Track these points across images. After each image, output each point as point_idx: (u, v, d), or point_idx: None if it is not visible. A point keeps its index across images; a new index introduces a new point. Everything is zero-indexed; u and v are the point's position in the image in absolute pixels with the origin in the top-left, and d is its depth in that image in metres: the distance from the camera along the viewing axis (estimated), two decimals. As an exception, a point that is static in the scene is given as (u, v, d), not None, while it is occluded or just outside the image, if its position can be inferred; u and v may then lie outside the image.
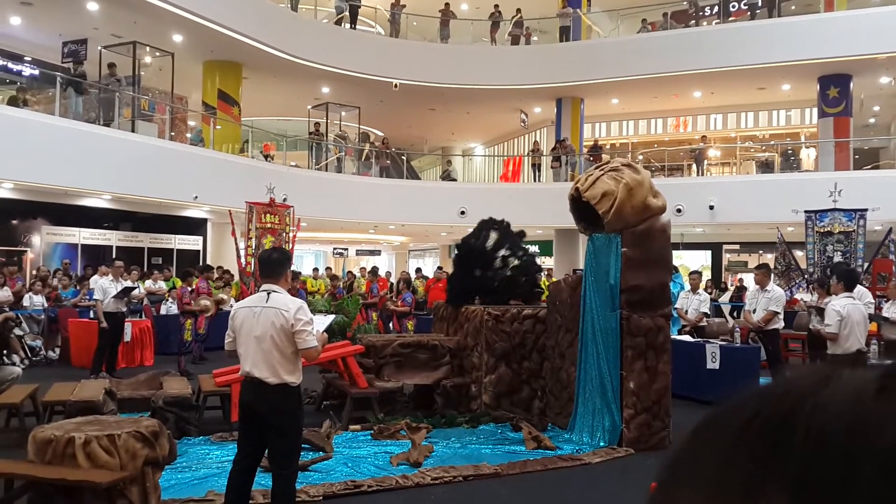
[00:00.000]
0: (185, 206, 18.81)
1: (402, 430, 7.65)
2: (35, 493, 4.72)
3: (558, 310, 8.59)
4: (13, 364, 10.82)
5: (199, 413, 8.06)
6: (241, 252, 14.17)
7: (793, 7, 21.74)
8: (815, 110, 22.21)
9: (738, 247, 27.05)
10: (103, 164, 15.08)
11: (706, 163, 23.13)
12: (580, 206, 8.09)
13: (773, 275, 12.31)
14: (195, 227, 21.36)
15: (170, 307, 14.91)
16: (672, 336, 8.70)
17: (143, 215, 19.42)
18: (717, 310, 17.01)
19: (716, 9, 21.88)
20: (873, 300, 10.94)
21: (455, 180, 24.85)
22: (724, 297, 19.28)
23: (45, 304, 14.21)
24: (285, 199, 15.71)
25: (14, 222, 17.36)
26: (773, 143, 24.68)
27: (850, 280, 8.09)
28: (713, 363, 9.78)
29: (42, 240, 17.97)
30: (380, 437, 7.62)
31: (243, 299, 5.77)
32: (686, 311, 11.73)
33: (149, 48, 18.26)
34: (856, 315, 7.60)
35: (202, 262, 19.39)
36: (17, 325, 13.25)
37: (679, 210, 18.45)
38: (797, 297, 14.53)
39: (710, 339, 10.60)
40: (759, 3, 21.00)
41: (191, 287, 12.98)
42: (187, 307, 12.71)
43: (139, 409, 7.67)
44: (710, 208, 19.59)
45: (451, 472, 6.44)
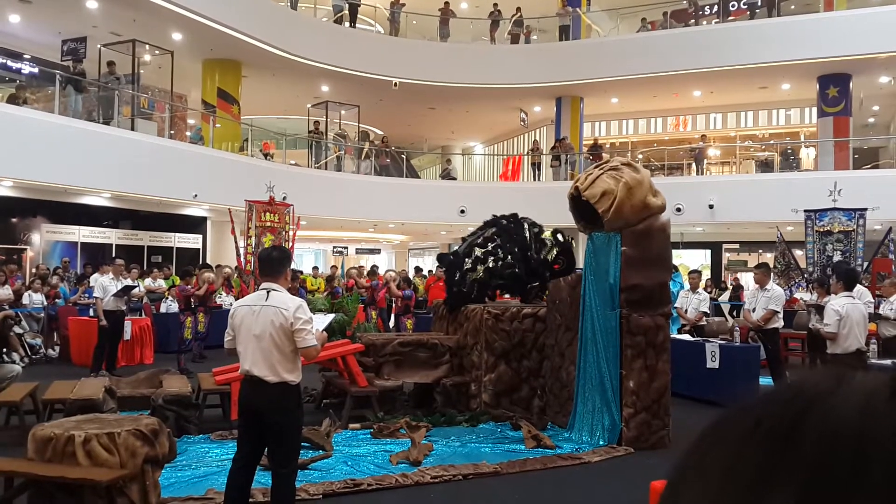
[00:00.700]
0: (185, 204, 18.81)
1: (401, 428, 7.65)
2: (35, 491, 4.72)
3: (558, 308, 8.59)
4: (13, 362, 10.83)
5: (198, 411, 8.06)
6: (241, 250, 14.17)
7: (792, 6, 21.76)
8: (814, 110, 22.22)
9: (737, 246, 27.04)
10: (103, 162, 15.08)
11: (706, 162, 23.13)
12: (580, 205, 8.09)
13: (772, 274, 12.32)
14: (195, 225, 21.36)
15: (169, 305, 14.91)
16: (671, 335, 8.70)
17: (142, 213, 19.41)
18: (716, 309, 17.01)
19: (715, 8, 21.89)
20: (873, 300, 10.95)
21: (455, 179, 24.85)
22: (724, 297, 19.29)
23: (45, 303, 14.21)
24: (285, 198, 15.71)
25: (14, 220, 17.34)
26: (772, 142, 24.70)
27: (850, 279, 8.10)
28: (713, 362, 9.78)
29: (42, 238, 17.96)
30: (379, 435, 7.62)
31: (243, 297, 5.77)
32: (686, 311, 11.74)
33: (148, 46, 18.25)
34: (855, 314, 7.60)
35: (202, 261, 19.39)
36: (17, 323, 13.25)
37: (679, 209, 18.46)
38: (797, 296, 14.54)
39: (710, 339, 10.60)
40: (759, 3, 21.00)
41: (189, 286, 12.95)
42: (193, 293, 12.37)
43: (139, 408, 7.67)
44: (710, 207, 19.59)
45: (450, 470, 6.44)
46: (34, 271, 16.05)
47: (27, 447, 4.77)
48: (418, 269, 22.71)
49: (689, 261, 23.21)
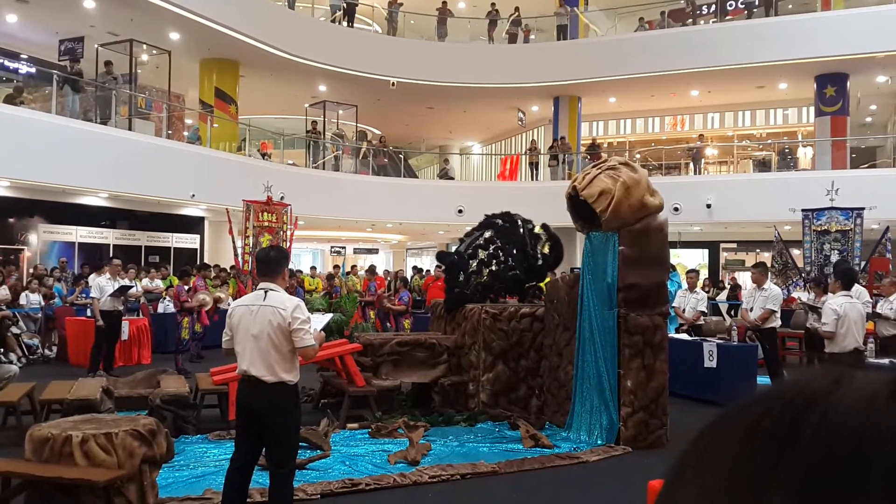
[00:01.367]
0: (183, 204, 18.79)
1: (399, 428, 7.65)
2: (32, 491, 4.71)
3: (556, 308, 8.59)
4: (10, 362, 10.80)
5: (196, 411, 8.05)
6: (239, 250, 14.15)
7: (790, 6, 21.77)
8: (812, 109, 22.24)
9: (735, 245, 27.07)
10: (100, 162, 15.06)
11: (703, 161, 23.16)
12: (577, 204, 8.09)
13: (770, 273, 12.32)
14: (192, 225, 21.34)
15: (167, 306, 14.90)
16: (669, 334, 8.71)
17: (140, 214, 19.39)
18: (714, 308, 17.03)
19: (713, 7, 21.92)
20: (871, 299, 10.95)
21: (452, 179, 24.85)
22: (721, 296, 19.32)
23: (42, 303, 14.19)
24: (283, 198, 15.69)
25: (11, 220, 17.32)
26: (770, 141, 24.72)
27: (848, 279, 8.10)
28: (710, 362, 9.79)
29: (39, 238, 17.93)
30: (377, 435, 7.61)
31: (241, 297, 5.76)
32: (683, 310, 11.75)
33: (146, 46, 18.22)
34: (853, 314, 7.61)
35: (199, 261, 19.37)
36: (14, 323, 13.23)
37: (676, 209, 18.46)
38: (794, 295, 14.54)
39: (708, 338, 10.61)
40: (756, 2, 21.03)
41: (188, 286, 12.96)
42: (185, 304, 12.68)
43: (136, 408, 7.65)
44: (708, 207, 19.61)
45: (448, 470, 6.44)
46: (31, 271, 16.03)
47: (24, 447, 4.76)
48: (416, 268, 22.70)
49: (686, 260, 23.23)
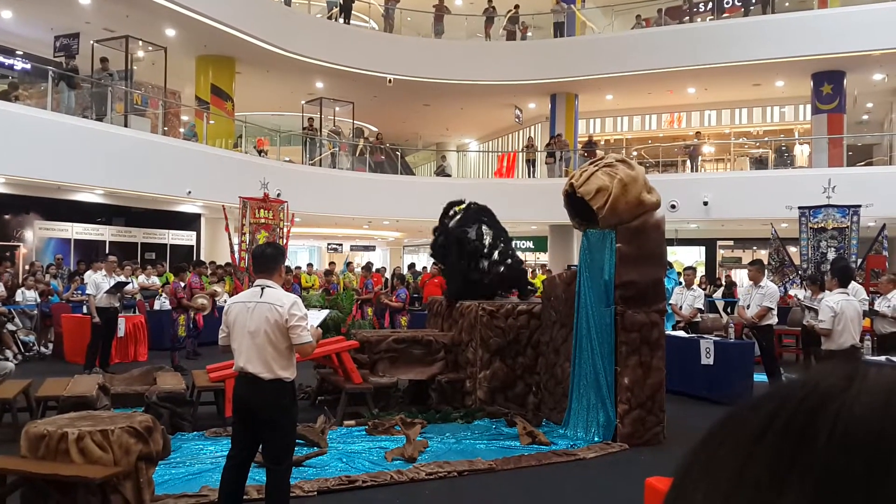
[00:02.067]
0: (179, 201, 18.75)
1: (396, 425, 7.64)
2: (28, 488, 4.70)
3: (553, 305, 8.59)
4: (6, 359, 10.77)
5: (193, 408, 8.04)
6: (235, 247, 14.13)
7: (786, 3, 21.79)
8: (808, 107, 22.27)
9: (732, 243, 27.11)
10: (96, 158, 15.02)
11: (700, 159, 23.18)
12: (574, 201, 8.08)
13: (766, 271, 12.34)
14: (189, 222, 21.31)
15: (163, 303, 14.87)
16: (666, 332, 8.71)
17: (136, 210, 19.36)
18: (711, 305, 17.04)
19: (710, 5, 21.91)
20: (867, 296, 10.97)
21: (449, 176, 24.82)
22: (717, 294, 19.35)
23: (38, 300, 14.16)
24: (279, 195, 15.67)
25: (6, 217, 17.28)
26: (766, 139, 24.75)
27: (845, 276, 8.11)
28: (707, 359, 9.80)
29: (35, 235, 17.90)
30: (374, 432, 7.61)
31: (237, 294, 5.75)
32: (680, 307, 11.76)
33: (141, 42, 18.18)
34: (849, 311, 7.63)
35: (195, 258, 19.35)
36: (10, 320, 13.20)
37: (673, 206, 18.47)
38: (791, 293, 14.57)
39: (705, 335, 10.62)
40: (753, 0, 21.02)
41: (183, 282, 12.93)
42: (182, 301, 12.58)
43: (133, 405, 7.64)
44: (705, 204, 19.62)
45: (445, 467, 6.44)
46: (27, 268, 16.00)
47: (20, 444, 4.74)
48: (411, 266, 22.69)
49: (683, 258, 23.27)
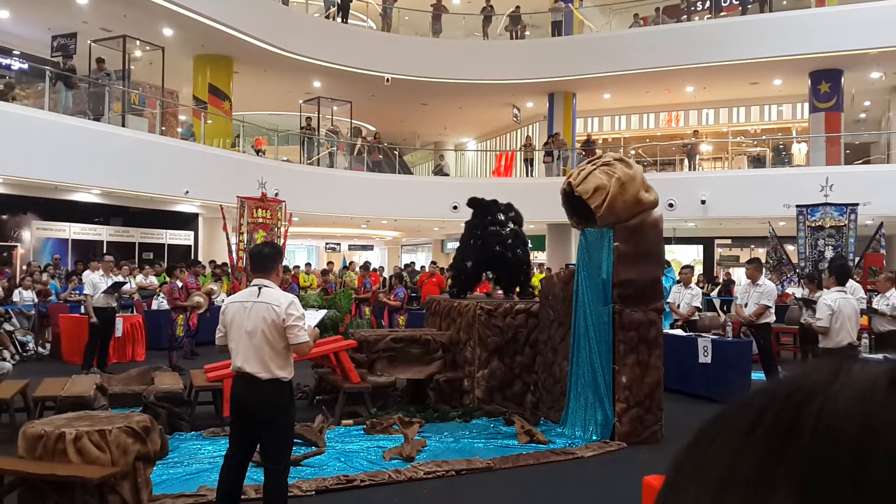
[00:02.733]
0: (177, 200, 18.73)
1: (394, 424, 7.64)
2: (26, 488, 4.69)
3: (551, 304, 8.59)
4: (3, 359, 10.76)
5: (190, 408, 8.03)
6: (233, 247, 14.12)
7: (784, 2, 21.79)
8: (806, 105, 22.28)
9: (729, 241, 27.12)
10: (93, 158, 15.00)
11: (698, 157, 23.19)
12: (572, 200, 8.08)
13: (764, 269, 12.34)
14: (186, 221, 21.29)
15: (161, 302, 14.86)
16: (664, 330, 8.71)
17: (133, 210, 19.34)
18: (708, 304, 17.05)
19: (707, 4, 21.91)
20: (865, 295, 10.98)
21: (447, 175, 24.81)
22: (713, 292, 19.37)
23: (36, 300, 14.14)
24: (277, 194, 15.66)
25: (3, 217, 17.26)
26: (764, 137, 24.76)
27: (842, 274, 8.11)
28: (705, 357, 9.80)
29: (32, 235, 17.88)
30: (372, 431, 7.61)
31: (234, 294, 5.74)
32: (678, 306, 11.76)
33: (139, 42, 18.14)
34: (847, 309, 7.63)
35: (193, 257, 19.34)
36: (7, 320, 13.18)
37: (671, 205, 18.47)
38: (788, 291, 14.58)
39: (702, 333, 10.62)
40: (751, -2, 21.05)
41: (180, 282, 12.91)
42: (178, 302, 12.61)
43: (130, 405, 7.63)
44: (702, 203, 19.63)
45: (443, 466, 6.44)
46: (25, 268, 15.98)
47: (18, 445, 4.74)
48: (408, 265, 22.71)
49: (681, 256, 23.29)
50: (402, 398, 9.32)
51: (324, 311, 9.42)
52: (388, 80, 21.81)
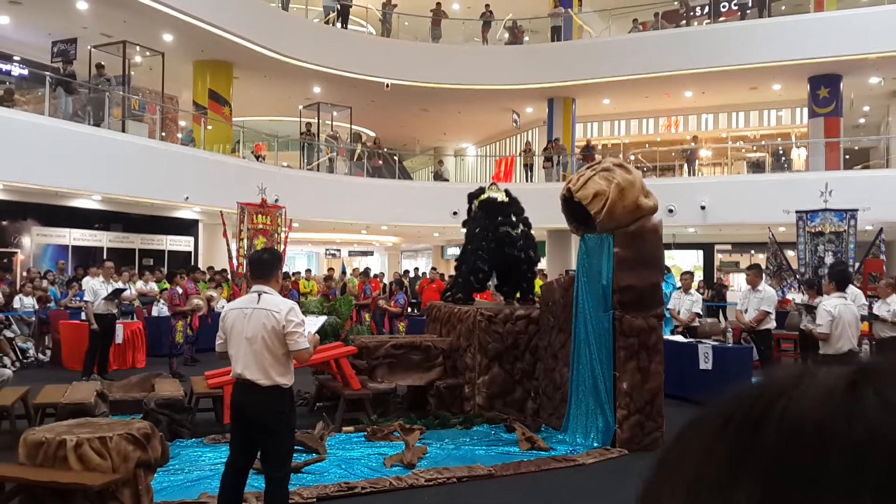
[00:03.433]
0: (177, 206, 18.74)
1: (395, 431, 7.63)
2: (26, 495, 4.68)
3: (551, 310, 8.58)
4: (3, 366, 10.75)
5: (191, 415, 8.02)
6: (233, 253, 14.12)
7: (783, 7, 21.83)
8: (805, 110, 22.31)
9: (729, 247, 27.12)
10: (93, 164, 15.01)
11: (697, 163, 23.20)
12: (572, 206, 8.09)
13: (764, 275, 12.34)
14: (186, 227, 21.29)
15: (161, 309, 14.84)
16: (664, 336, 8.71)
17: (133, 216, 19.34)
18: (709, 310, 17.04)
19: (706, 9, 21.94)
20: (866, 301, 10.97)
21: (447, 180, 24.84)
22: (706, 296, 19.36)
23: (36, 306, 14.13)
24: (277, 200, 15.66)
25: (4, 223, 17.26)
26: (763, 143, 24.78)
27: (842, 280, 8.11)
28: (706, 363, 9.80)
29: (32, 241, 17.87)
30: (373, 438, 7.60)
31: (234, 300, 5.74)
32: (678, 312, 11.75)
33: (139, 47, 18.17)
34: (847, 315, 7.62)
35: (193, 263, 19.33)
36: (8, 326, 13.17)
37: (671, 210, 18.48)
38: (789, 297, 14.57)
39: (703, 340, 10.61)
40: (750, 4, 21.07)
41: (180, 288, 12.91)
42: (178, 308, 12.63)
43: (131, 412, 7.62)
44: (702, 208, 19.63)
45: (444, 473, 6.43)
46: (25, 275, 15.97)
47: (18, 452, 4.73)
48: (406, 272, 22.71)
49: (681, 262, 23.26)
50: (403, 405, 9.31)
51: (324, 318, 9.40)
52: (387, 85, 21.84)
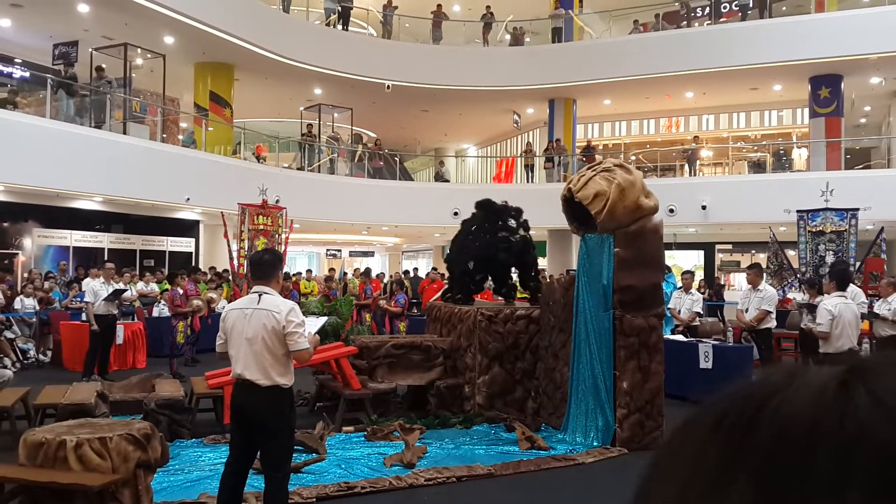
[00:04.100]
0: (178, 207, 18.76)
1: (395, 431, 7.64)
2: (26, 496, 4.69)
3: (551, 310, 8.59)
4: (4, 367, 10.76)
5: (191, 415, 8.03)
6: (234, 254, 14.12)
7: (783, 8, 21.82)
8: (806, 110, 22.29)
9: (730, 247, 27.11)
10: (95, 166, 15.03)
11: (698, 163, 23.19)
12: (573, 206, 8.10)
13: (765, 274, 12.33)
14: (187, 229, 21.31)
15: (162, 309, 14.85)
16: (665, 336, 8.71)
17: (135, 217, 19.36)
18: (709, 309, 17.03)
19: (707, 10, 21.94)
20: (866, 300, 10.97)
21: (448, 181, 24.84)
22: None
23: (37, 307, 14.14)
24: (278, 201, 15.67)
25: (5, 225, 17.28)
26: (764, 143, 24.76)
27: (843, 280, 8.12)
28: (706, 363, 9.80)
29: (33, 242, 17.89)
30: (373, 438, 7.60)
31: (235, 301, 5.75)
32: (679, 311, 11.76)
33: (140, 50, 18.20)
34: (847, 314, 7.63)
35: (194, 264, 19.35)
36: (8, 327, 13.19)
37: (671, 210, 18.48)
38: (789, 296, 14.56)
39: (703, 339, 10.61)
40: (750, 4, 21.06)
41: (181, 289, 12.92)
42: (179, 309, 12.64)
43: (131, 412, 7.62)
44: (703, 208, 19.63)
45: (444, 472, 6.43)
46: (26, 276, 15.98)
47: (18, 452, 4.74)
48: (406, 272, 22.71)
49: (682, 262, 23.27)
50: (403, 404, 9.32)
51: (324, 318, 9.41)
52: (388, 86, 21.85)
